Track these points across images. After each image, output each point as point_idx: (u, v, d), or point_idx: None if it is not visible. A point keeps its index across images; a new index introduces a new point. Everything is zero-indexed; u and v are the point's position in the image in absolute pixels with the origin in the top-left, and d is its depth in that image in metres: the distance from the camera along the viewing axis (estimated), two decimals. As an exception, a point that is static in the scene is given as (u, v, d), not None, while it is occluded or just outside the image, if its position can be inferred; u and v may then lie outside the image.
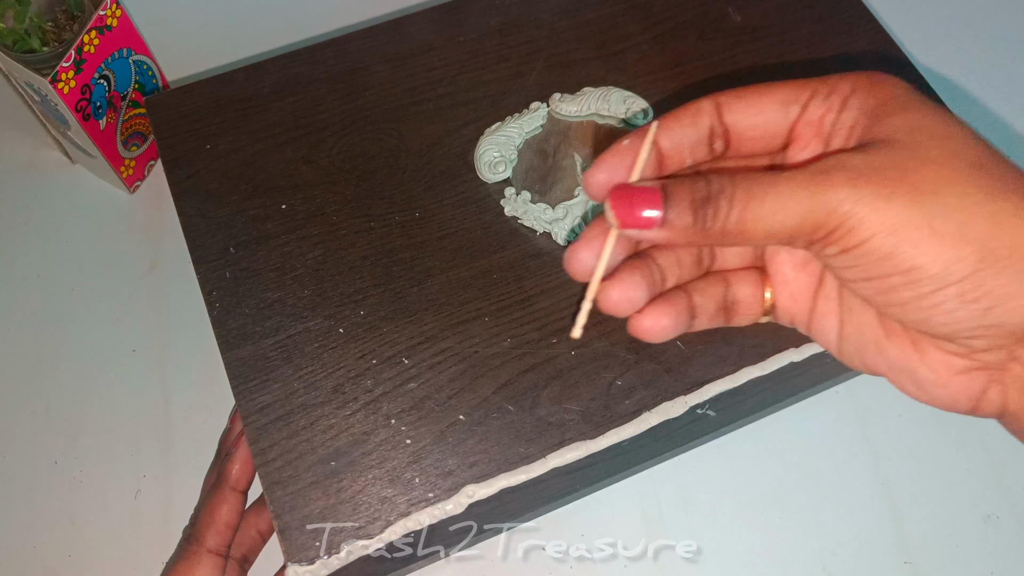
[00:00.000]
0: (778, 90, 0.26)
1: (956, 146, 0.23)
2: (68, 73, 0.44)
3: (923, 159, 0.23)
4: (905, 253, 0.22)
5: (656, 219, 0.24)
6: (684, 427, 0.38)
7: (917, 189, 0.22)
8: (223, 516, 0.38)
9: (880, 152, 0.23)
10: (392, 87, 0.45)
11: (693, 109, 0.27)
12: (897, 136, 0.23)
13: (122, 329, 0.49)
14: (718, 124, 0.27)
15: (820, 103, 0.26)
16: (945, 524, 0.44)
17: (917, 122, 0.24)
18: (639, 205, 0.24)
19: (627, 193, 0.25)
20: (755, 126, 0.27)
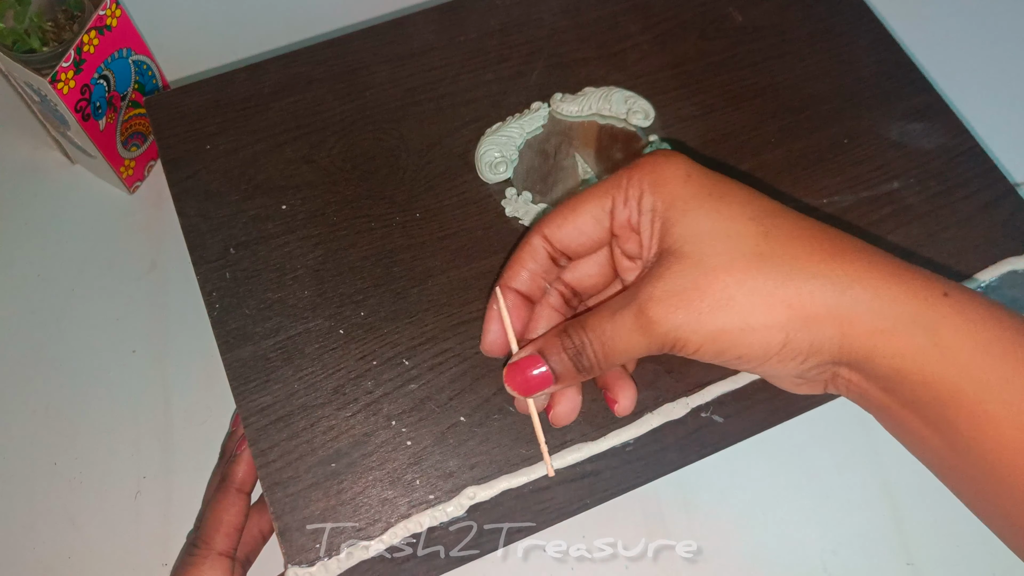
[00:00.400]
0: (586, 207, 0.31)
1: (733, 244, 0.27)
2: (68, 73, 0.44)
3: (711, 269, 0.27)
4: (729, 351, 0.28)
5: (549, 378, 0.31)
6: (690, 435, 0.37)
7: (716, 302, 0.27)
8: (231, 519, 0.38)
9: (676, 273, 0.28)
10: (392, 87, 0.45)
11: (528, 249, 0.33)
12: (685, 249, 0.28)
13: (122, 329, 0.48)
14: (552, 250, 0.33)
15: (622, 209, 0.31)
16: (946, 525, 0.44)
17: (696, 229, 0.28)
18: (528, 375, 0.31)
19: (514, 370, 0.31)
20: (581, 243, 0.32)
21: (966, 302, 0.26)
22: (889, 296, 0.26)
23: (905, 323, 0.26)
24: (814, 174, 0.44)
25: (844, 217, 0.42)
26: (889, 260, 0.27)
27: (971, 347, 0.26)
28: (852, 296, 0.26)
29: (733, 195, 0.29)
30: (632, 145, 0.44)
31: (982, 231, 0.42)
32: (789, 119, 0.45)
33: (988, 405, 0.25)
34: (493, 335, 0.34)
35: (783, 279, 0.27)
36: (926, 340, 0.26)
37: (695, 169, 0.30)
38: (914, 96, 0.46)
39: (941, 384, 0.26)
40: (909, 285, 0.26)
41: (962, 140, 0.45)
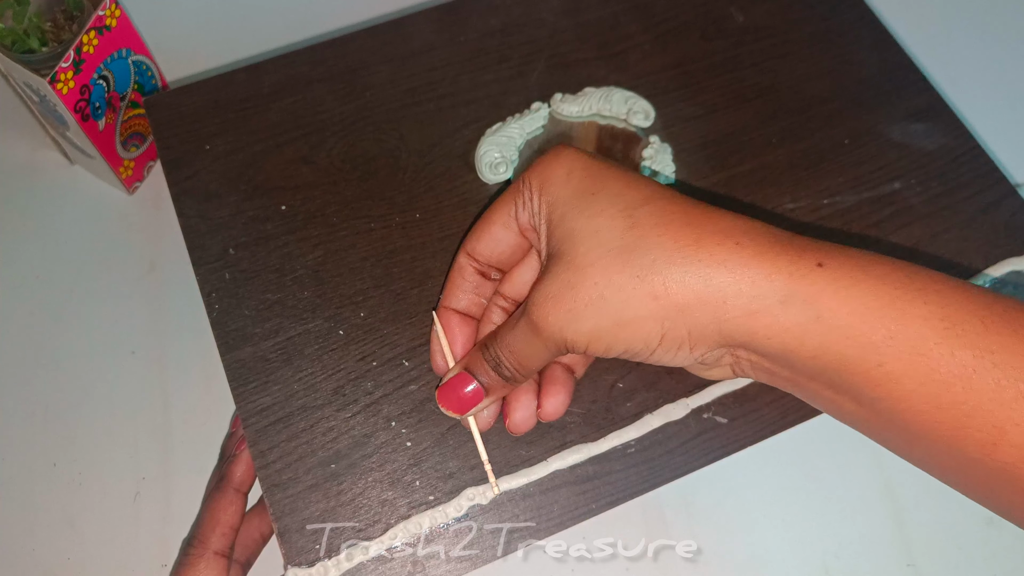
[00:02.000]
0: (495, 216, 0.32)
1: (601, 240, 0.28)
2: (67, 73, 0.43)
3: (580, 267, 0.28)
4: (615, 346, 0.28)
5: (480, 393, 0.32)
6: (695, 438, 0.37)
7: (587, 300, 0.27)
8: (228, 518, 0.38)
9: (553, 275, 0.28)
10: (392, 87, 0.45)
11: (456, 269, 0.34)
12: (562, 249, 0.29)
13: (121, 330, 0.48)
14: (479, 265, 0.33)
15: (522, 212, 0.31)
16: (948, 527, 0.44)
17: (570, 228, 0.28)
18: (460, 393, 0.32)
19: (446, 391, 0.33)
20: (501, 251, 0.33)
21: (841, 268, 0.26)
22: (756, 277, 0.26)
23: (777, 302, 0.26)
24: (815, 174, 0.44)
25: (845, 218, 0.42)
26: (760, 237, 0.27)
27: (849, 312, 0.25)
28: (718, 282, 0.26)
29: (608, 188, 0.29)
30: (632, 146, 0.44)
31: (983, 231, 0.42)
32: (790, 119, 0.45)
33: (882, 365, 0.25)
34: (438, 359, 0.35)
35: (646, 270, 0.27)
36: (803, 315, 0.26)
37: (577, 165, 0.30)
38: (915, 97, 0.46)
39: (829, 354, 0.26)
40: (776, 262, 0.26)
41: (963, 141, 0.45)
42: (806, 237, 0.28)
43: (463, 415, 0.33)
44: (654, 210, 0.28)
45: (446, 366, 0.35)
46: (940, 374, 0.25)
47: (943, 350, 0.25)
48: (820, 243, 0.27)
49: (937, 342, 0.25)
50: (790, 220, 0.42)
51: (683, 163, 0.44)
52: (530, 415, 0.34)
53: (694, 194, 0.42)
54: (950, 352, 0.24)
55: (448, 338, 0.35)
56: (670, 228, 0.27)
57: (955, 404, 0.25)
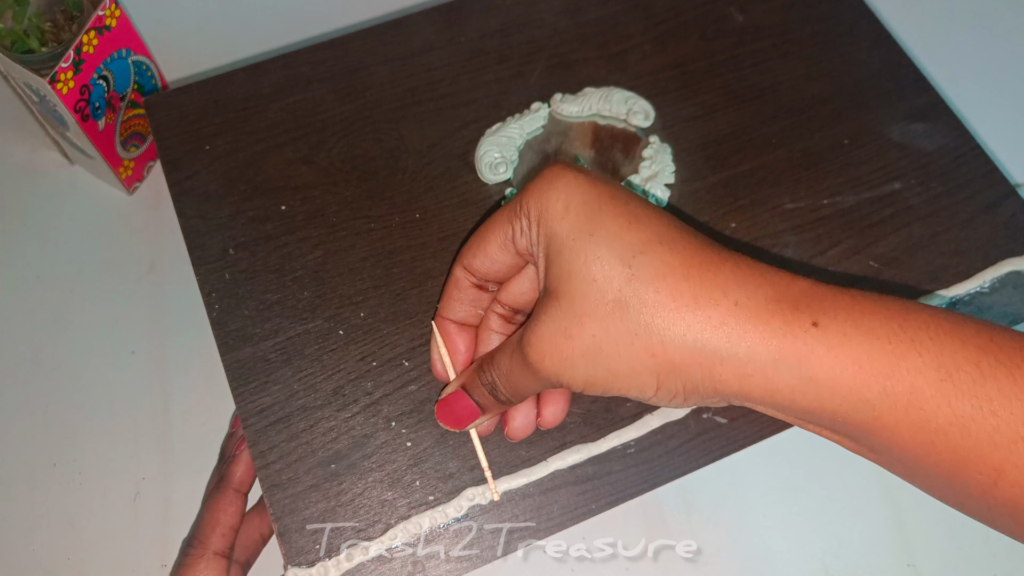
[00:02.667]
0: (492, 236, 0.32)
1: (599, 289, 0.27)
2: (67, 74, 0.43)
3: (577, 316, 0.28)
4: (611, 392, 0.28)
5: (476, 411, 0.33)
6: (694, 438, 0.37)
7: (584, 351, 0.28)
8: (228, 518, 0.38)
9: (550, 317, 0.28)
10: (392, 87, 0.45)
11: (452, 282, 0.34)
12: (560, 289, 0.28)
13: (121, 331, 0.48)
14: (475, 279, 0.34)
15: (520, 238, 0.31)
16: (948, 526, 0.44)
17: (568, 270, 0.28)
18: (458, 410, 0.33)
19: (444, 407, 0.34)
20: (497, 269, 0.33)
21: (834, 325, 0.26)
22: (751, 340, 0.26)
23: (771, 364, 0.26)
24: (815, 175, 0.43)
25: (845, 218, 0.42)
26: (756, 293, 0.27)
27: (842, 372, 0.25)
28: (713, 345, 0.26)
29: (605, 230, 0.28)
30: (632, 146, 0.44)
31: (983, 232, 0.42)
32: (790, 120, 0.45)
33: (878, 419, 0.25)
34: (438, 366, 0.36)
35: (644, 328, 0.27)
36: (796, 377, 0.26)
37: (575, 197, 0.29)
38: (915, 97, 0.46)
39: (824, 412, 0.26)
40: (771, 323, 0.26)
41: (963, 141, 0.45)
42: (803, 282, 0.27)
43: (460, 430, 0.34)
44: (652, 260, 0.27)
45: (446, 374, 0.35)
46: (937, 423, 0.25)
47: (939, 401, 0.25)
48: (816, 291, 0.27)
49: (932, 394, 0.25)
50: (789, 221, 0.42)
51: (683, 163, 0.44)
52: (529, 423, 0.34)
53: (694, 195, 0.43)
54: (947, 403, 0.25)
55: (447, 347, 0.35)
56: (667, 283, 0.27)
57: (952, 449, 0.25)
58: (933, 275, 0.41)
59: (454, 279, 0.34)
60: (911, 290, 0.41)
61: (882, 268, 0.41)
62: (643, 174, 0.42)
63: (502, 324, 0.35)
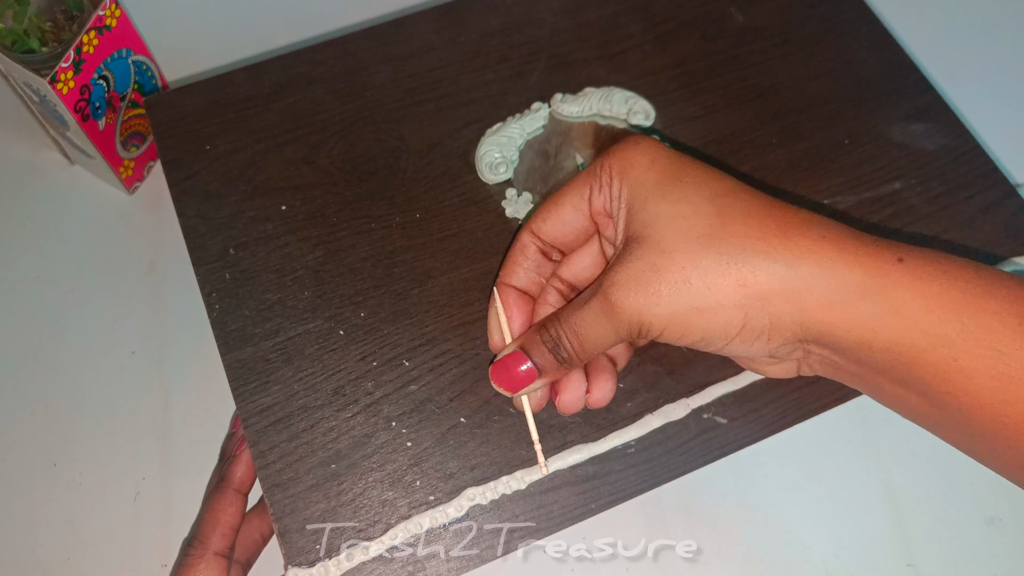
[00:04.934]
0: (567, 199, 0.32)
1: (688, 225, 0.28)
2: (67, 73, 0.43)
3: (666, 251, 0.28)
4: (691, 332, 0.28)
5: (533, 373, 0.32)
6: (694, 438, 0.37)
7: (672, 283, 0.28)
8: (228, 519, 0.38)
9: (635, 257, 0.28)
10: (392, 87, 0.45)
11: (519, 247, 0.34)
12: (645, 233, 0.29)
13: (121, 331, 0.48)
14: (542, 244, 0.34)
15: (597, 196, 0.31)
16: (948, 526, 0.44)
17: (655, 212, 0.29)
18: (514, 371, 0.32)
19: (499, 368, 0.32)
20: (567, 234, 0.33)
21: (921, 264, 0.27)
22: (839, 268, 0.27)
23: (856, 293, 0.27)
24: (816, 175, 0.44)
25: (845, 218, 0.42)
26: (841, 233, 0.28)
27: (925, 306, 0.26)
28: (802, 271, 0.27)
29: (691, 177, 0.29)
30: (633, 146, 0.44)
31: (984, 232, 0.42)
32: (790, 119, 0.45)
33: (955, 360, 0.26)
34: (495, 335, 0.35)
35: (734, 258, 0.27)
36: (880, 307, 0.26)
37: (660, 154, 0.30)
38: (915, 97, 0.46)
39: (902, 347, 0.27)
40: (860, 255, 0.27)
41: (963, 141, 0.45)
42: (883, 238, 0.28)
43: (514, 394, 0.33)
44: (738, 200, 0.29)
45: (503, 343, 0.34)
46: (1011, 369, 0.25)
47: (1016, 346, 0.25)
48: (897, 243, 0.28)
49: (1011, 337, 0.25)
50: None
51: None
52: (579, 397, 0.34)
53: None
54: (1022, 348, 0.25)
55: (507, 315, 0.34)
56: (755, 218, 0.28)
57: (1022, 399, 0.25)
58: (933, 275, 0.41)
59: (520, 244, 0.34)
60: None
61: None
62: None
63: (559, 300, 0.35)
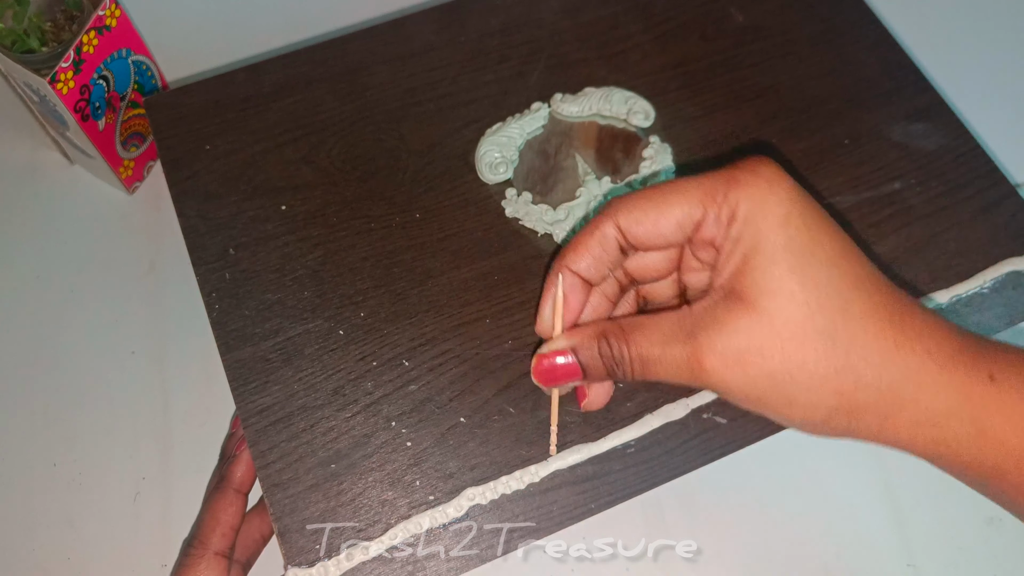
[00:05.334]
0: (672, 210, 0.29)
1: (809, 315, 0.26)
2: (67, 73, 0.43)
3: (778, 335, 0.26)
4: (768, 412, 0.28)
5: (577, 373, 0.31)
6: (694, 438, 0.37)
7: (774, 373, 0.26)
8: (228, 518, 0.38)
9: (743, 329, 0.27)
10: (392, 87, 0.45)
11: (597, 235, 0.31)
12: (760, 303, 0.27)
13: (121, 330, 0.48)
14: (624, 241, 0.31)
15: (711, 226, 0.29)
16: (948, 526, 0.44)
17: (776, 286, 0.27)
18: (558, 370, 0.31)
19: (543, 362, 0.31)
20: (657, 241, 0.30)
21: (1010, 381, 0.26)
22: (936, 390, 0.26)
23: (945, 415, 0.26)
24: (815, 175, 0.44)
25: (845, 218, 0.42)
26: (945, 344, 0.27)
27: (1012, 430, 0.26)
28: (902, 393, 0.26)
29: (824, 253, 0.27)
30: (633, 146, 0.44)
31: (983, 232, 0.42)
32: (790, 119, 0.45)
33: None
34: (546, 318, 0.32)
35: (843, 366, 0.26)
36: (967, 429, 0.26)
37: (796, 209, 0.28)
38: (915, 97, 0.46)
39: (985, 467, 0.27)
40: (957, 376, 0.26)
41: (963, 141, 0.45)
42: (977, 336, 0.28)
43: (549, 388, 0.32)
44: (864, 297, 0.27)
45: (551, 332, 0.32)
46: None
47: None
48: (992, 345, 0.27)
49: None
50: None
51: (683, 163, 0.44)
52: (607, 396, 0.34)
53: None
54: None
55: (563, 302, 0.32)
56: (875, 323, 0.27)
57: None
58: (933, 275, 0.41)
59: (600, 232, 0.31)
60: (911, 290, 0.41)
61: (882, 268, 0.41)
62: (643, 174, 0.42)
63: (616, 292, 0.33)
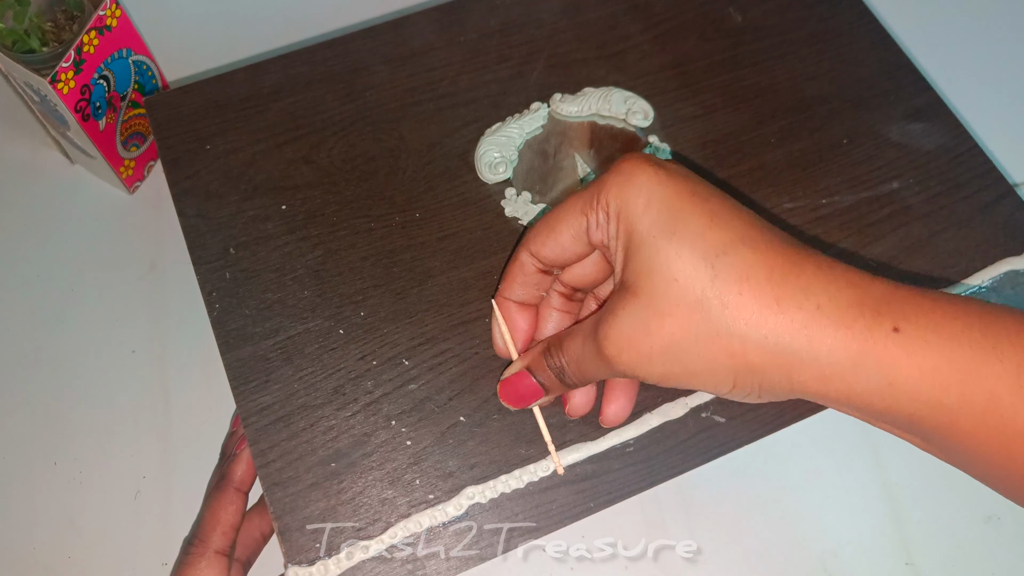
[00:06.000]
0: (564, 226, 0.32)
1: (681, 288, 0.27)
2: (67, 73, 0.44)
3: (658, 312, 0.28)
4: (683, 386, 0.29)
5: (539, 392, 0.34)
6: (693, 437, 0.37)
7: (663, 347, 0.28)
8: (228, 517, 0.38)
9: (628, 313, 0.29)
10: (392, 87, 0.45)
11: (517, 265, 0.34)
12: (639, 285, 0.28)
13: (121, 330, 0.48)
14: (541, 265, 0.33)
15: (595, 230, 0.31)
16: (946, 525, 0.44)
17: (648, 266, 0.28)
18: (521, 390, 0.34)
19: (507, 386, 0.34)
20: (566, 256, 0.33)
21: (915, 330, 0.26)
22: (832, 344, 0.26)
23: (850, 368, 0.26)
24: (814, 174, 0.44)
25: (844, 217, 0.42)
26: (839, 296, 0.27)
27: (920, 377, 0.26)
28: (793, 348, 0.26)
29: (688, 228, 0.28)
30: (632, 146, 0.44)
31: (982, 231, 0.42)
32: (789, 119, 0.45)
33: (954, 423, 0.26)
34: (499, 343, 0.36)
35: (725, 330, 0.27)
36: (875, 380, 0.26)
37: (656, 193, 0.29)
38: (914, 97, 0.46)
39: (900, 415, 0.26)
40: (856, 328, 0.26)
41: (962, 140, 0.45)
42: (883, 284, 0.27)
43: (521, 409, 0.35)
44: (735, 261, 0.27)
45: (507, 351, 0.36)
46: (1014, 427, 0.25)
47: (1018, 407, 0.25)
48: (898, 294, 0.27)
49: (1012, 400, 0.25)
50: (788, 220, 0.42)
51: (682, 163, 0.44)
52: (588, 400, 0.35)
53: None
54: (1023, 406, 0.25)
55: (508, 326, 0.35)
56: (750, 284, 0.27)
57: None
58: (931, 274, 0.41)
59: (519, 263, 0.34)
60: (910, 289, 0.41)
61: (880, 268, 0.41)
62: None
63: (563, 302, 0.35)
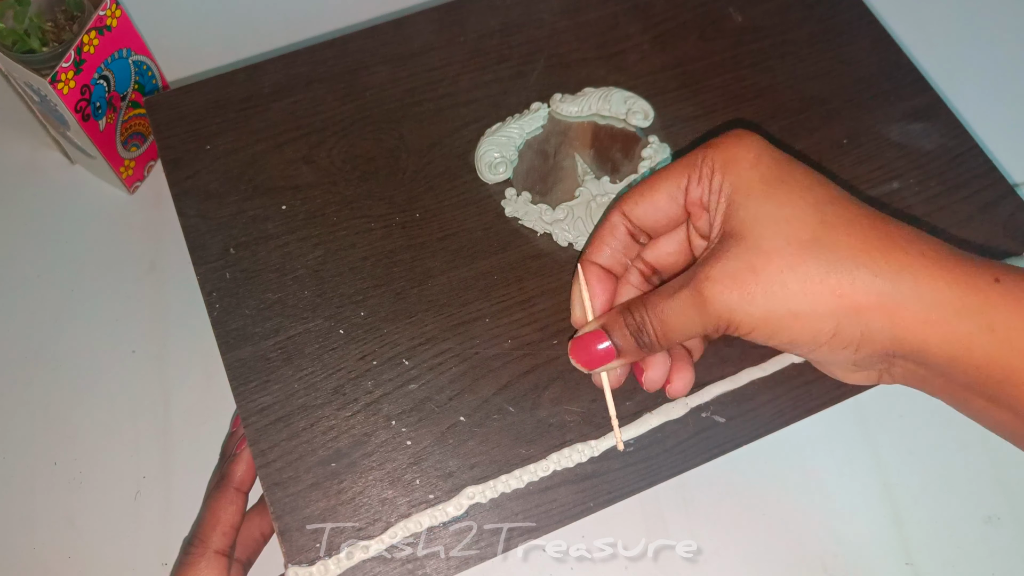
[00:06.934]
0: (662, 185, 0.33)
1: (790, 229, 0.28)
2: (68, 73, 0.44)
3: (766, 252, 0.28)
4: (780, 335, 0.29)
5: (612, 353, 0.32)
6: (692, 436, 0.37)
7: (769, 285, 0.28)
8: (229, 517, 0.38)
9: (733, 255, 0.29)
10: (392, 87, 0.45)
11: (608, 226, 0.34)
12: (744, 231, 0.29)
13: (122, 330, 0.48)
14: (632, 226, 0.34)
15: (695, 187, 0.32)
16: (946, 525, 0.44)
17: (756, 212, 0.29)
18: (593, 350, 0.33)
19: (579, 345, 0.33)
20: (658, 219, 0.33)
21: (1017, 284, 0.27)
22: (937, 285, 0.27)
23: (954, 311, 0.27)
24: (814, 174, 0.44)
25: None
26: (942, 249, 0.28)
27: (1020, 326, 0.26)
28: (901, 287, 0.27)
29: (796, 180, 0.29)
30: (632, 146, 0.44)
31: (982, 231, 0.42)
32: (789, 119, 0.45)
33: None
34: (577, 311, 0.35)
35: (834, 267, 0.27)
36: (976, 326, 0.27)
37: (765, 151, 0.30)
38: (914, 97, 0.46)
39: (995, 365, 0.27)
40: (957, 273, 0.27)
41: (962, 140, 0.45)
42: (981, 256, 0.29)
43: (590, 371, 0.34)
44: (842, 209, 0.29)
45: (584, 319, 0.35)
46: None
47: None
48: (995, 262, 0.28)
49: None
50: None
51: (682, 163, 0.44)
52: (663, 374, 0.35)
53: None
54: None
55: (589, 292, 0.35)
56: (858, 229, 0.28)
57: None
58: (931, 274, 0.41)
59: (609, 224, 0.34)
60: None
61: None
62: (643, 173, 0.42)
63: (641, 282, 0.35)
